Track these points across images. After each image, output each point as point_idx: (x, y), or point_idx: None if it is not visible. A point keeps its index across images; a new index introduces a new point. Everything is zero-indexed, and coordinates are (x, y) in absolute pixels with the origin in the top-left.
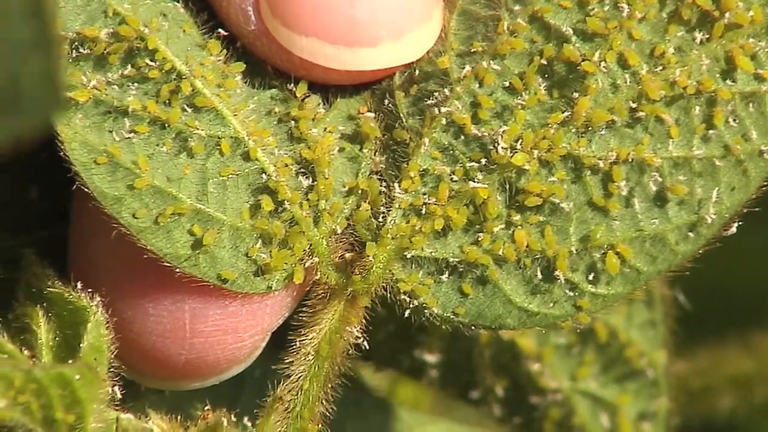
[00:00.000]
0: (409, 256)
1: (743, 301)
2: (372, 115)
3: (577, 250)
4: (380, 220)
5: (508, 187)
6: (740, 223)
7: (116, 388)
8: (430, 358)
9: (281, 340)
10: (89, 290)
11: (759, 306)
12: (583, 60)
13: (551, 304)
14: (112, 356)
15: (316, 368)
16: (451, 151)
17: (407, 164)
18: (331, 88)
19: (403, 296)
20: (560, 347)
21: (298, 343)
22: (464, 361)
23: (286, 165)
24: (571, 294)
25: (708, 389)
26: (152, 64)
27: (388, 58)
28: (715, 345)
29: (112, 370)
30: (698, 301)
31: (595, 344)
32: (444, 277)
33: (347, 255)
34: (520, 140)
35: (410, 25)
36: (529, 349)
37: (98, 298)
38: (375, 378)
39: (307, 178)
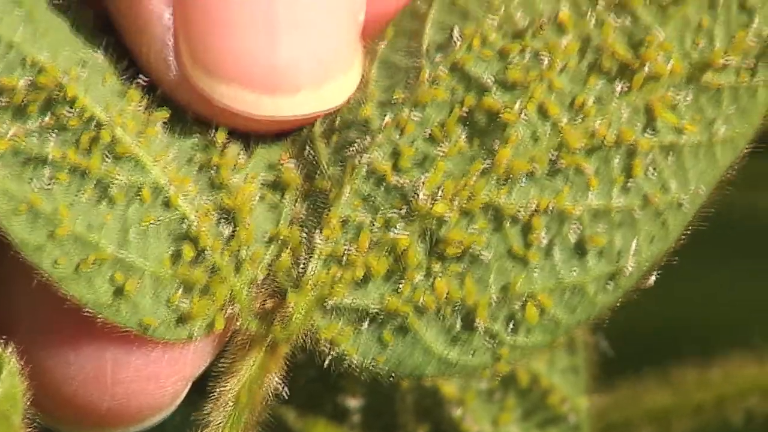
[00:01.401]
0: (329, 304)
1: (662, 338)
2: (293, 163)
3: (497, 300)
4: (301, 268)
5: (428, 236)
6: (659, 274)
7: None
8: (352, 402)
9: (202, 387)
10: (4, 338)
11: (678, 342)
12: (504, 110)
13: (471, 354)
14: (30, 404)
15: (235, 417)
16: (372, 200)
17: (328, 213)
18: (252, 135)
19: (323, 345)
20: (482, 392)
21: (217, 391)
22: (386, 406)
23: (207, 212)
24: (491, 343)
25: (627, 423)
26: (72, 112)
27: (308, 106)
28: (635, 380)
29: (28, 418)
30: (619, 340)
31: (516, 390)
32: (364, 326)
33: (268, 303)
34: (441, 189)
35: (331, 73)
36: (451, 394)
37: (13, 346)
38: (297, 423)
39: (228, 225)
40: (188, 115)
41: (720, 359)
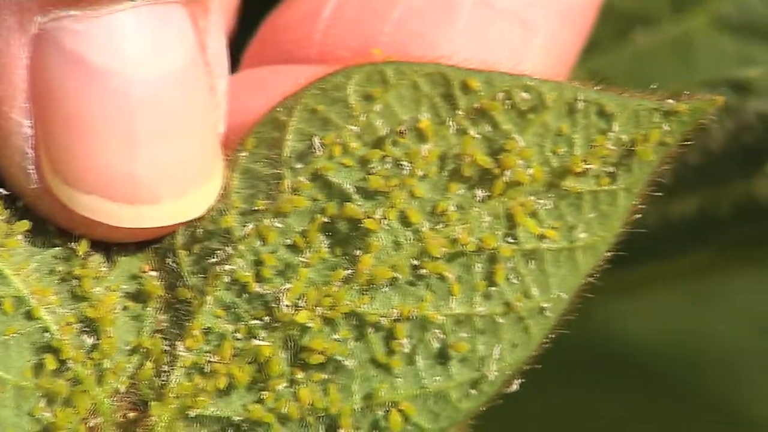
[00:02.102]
0: (192, 415)
1: None
2: (155, 273)
3: (360, 408)
4: (163, 378)
5: (291, 344)
6: (522, 381)
7: None
8: None
9: None
10: None
11: None
12: (366, 218)
13: None
14: None
15: None
16: (234, 309)
17: (190, 323)
18: (113, 246)
19: None
20: None
21: None
22: None
23: (69, 323)
24: None
25: None
26: None
27: (169, 215)
28: None
29: None
30: None
31: None
32: None
33: (130, 414)
34: (304, 298)
35: (191, 183)
36: None
37: None
38: None
39: (90, 336)
40: (49, 225)
41: None
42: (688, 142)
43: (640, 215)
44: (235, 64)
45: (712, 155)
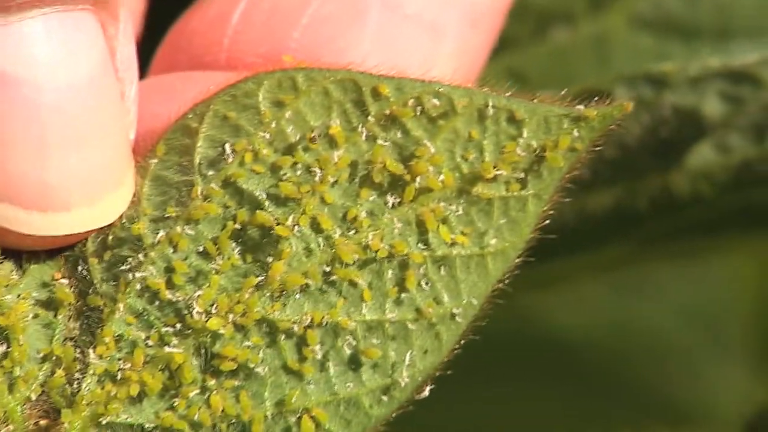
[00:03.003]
0: (104, 422)
1: None
2: (66, 281)
3: (272, 415)
4: (75, 386)
5: (203, 351)
6: (432, 387)
7: None
8: None
9: None
10: None
11: None
12: (277, 224)
13: None
14: None
15: None
16: (146, 317)
17: (102, 330)
18: (24, 253)
19: None
20: None
21: None
22: None
23: None
24: None
25: None
26: None
27: (81, 222)
28: None
29: None
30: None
31: None
32: None
33: (42, 422)
34: (215, 305)
35: (103, 190)
36: None
37: None
38: None
39: (1, 344)
40: None
41: None
42: (598, 147)
43: (558, 210)
44: (143, 69)
45: (628, 149)
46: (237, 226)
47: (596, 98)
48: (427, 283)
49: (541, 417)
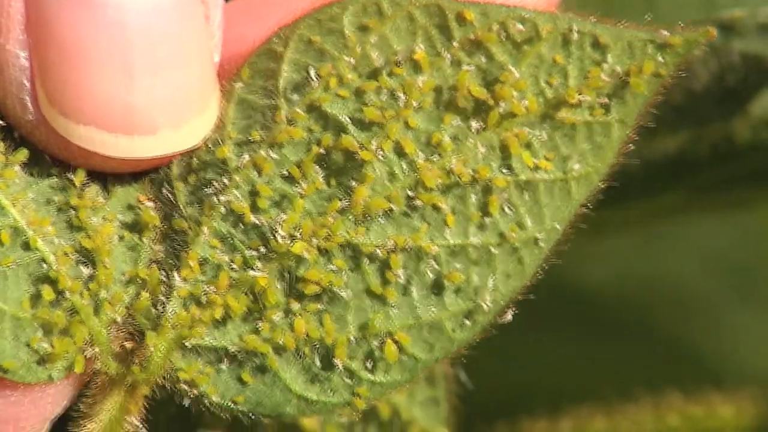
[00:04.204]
0: (189, 345)
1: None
2: (151, 203)
3: (355, 339)
4: (160, 309)
5: (287, 275)
6: (515, 311)
7: None
8: None
9: (61, 430)
10: None
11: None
12: (361, 149)
13: (330, 393)
14: None
15: None
16: (231, 240)
17: (186, 253)
18: (109, 176)
19: (182, 385)
20: (343, 425)
21: None
22: None
23: (66, 254)
24: (350, 382)
25: None
26: None
27: (166, 145)
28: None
29: None
30: (472, 396)
31: (377, 422)
32: (224, 366)
33: (127, 344)
34: (299, 229)
35: (188, 113)
36: (311, 428)
37: None
38: None
39: (87, 267)
40: (46, 156)
41: (569, 414)
42: (681, 74)
43: (625, 155)
44: None
45: (694, 96)
46: (321, 150)
47: (681, 25)
48: (510, 208)
49: (566, 368)
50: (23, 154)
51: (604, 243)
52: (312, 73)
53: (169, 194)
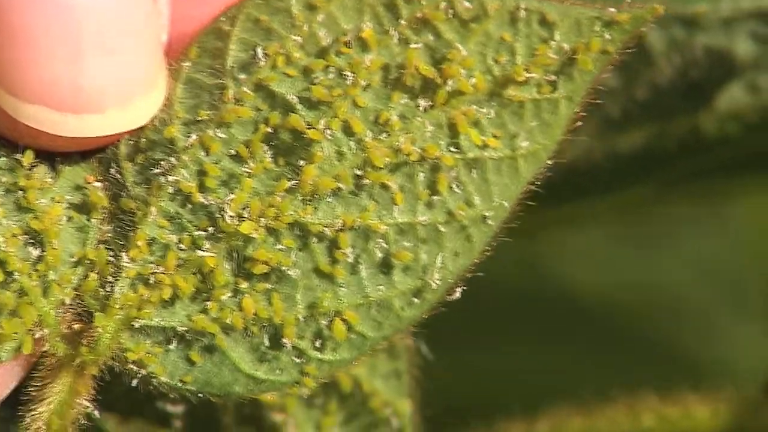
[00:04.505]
0: (137, 325)
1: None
2: (99, 184)
3: (304, 318)
4: (108, 289)
5: (235, 255)
6: (464, 288)
7: None
8: (173, 408)
9: (11, 415)
10: None
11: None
12: (309, 128)
13: (279, 371)
14: None
15: None
16: (178, 220)
17: (134, 233)
18: (57, 156)
19: (131, 365)
20: (303, 398)
21: (28, 417)
22: (208, 412)
23: (15, 235)
24: (298, 361)
25: None
26: None
27: (114, 125)
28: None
29: None
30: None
31: (338, 394)
32: (172, 346)
33: (76, 325)
34: (247, 208)
35: (136, 92)
36: (272, 401)
37: None
38: (119, 430)
39: (36, 248)
40: None
41: (546, 414)
42: (628, 50)
43: (588, 150)
44: None
45: (659, 90)
46: (269, 129)
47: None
48: (458, 186)
49: (557, 376)
50: None
51: (583, 242)
52: (259, 52)
53: (117, 174)
